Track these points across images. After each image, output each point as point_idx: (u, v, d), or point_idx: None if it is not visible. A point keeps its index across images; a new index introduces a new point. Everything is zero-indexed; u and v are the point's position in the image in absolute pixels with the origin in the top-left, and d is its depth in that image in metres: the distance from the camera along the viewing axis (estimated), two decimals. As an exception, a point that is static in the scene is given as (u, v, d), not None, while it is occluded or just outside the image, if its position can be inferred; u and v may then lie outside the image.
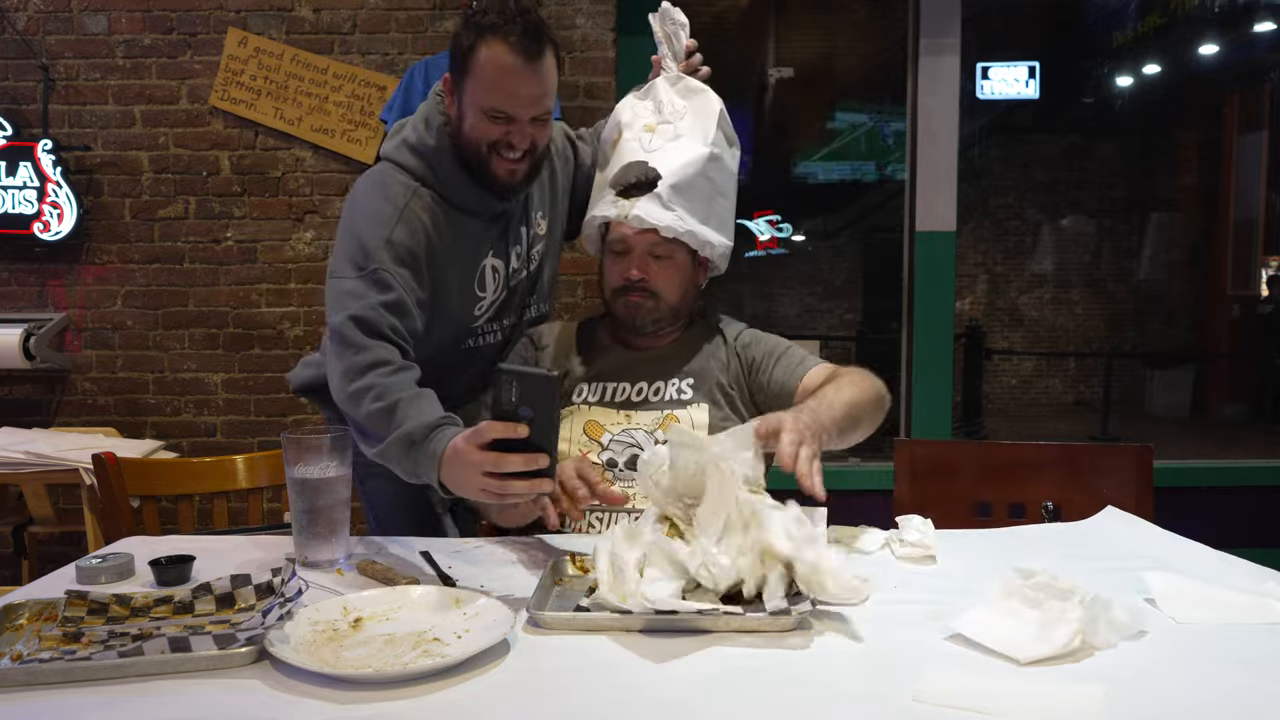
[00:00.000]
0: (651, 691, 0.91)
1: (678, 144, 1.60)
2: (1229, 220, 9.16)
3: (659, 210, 1.55)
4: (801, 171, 9.89)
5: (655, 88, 1.67)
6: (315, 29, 3.30)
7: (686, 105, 1.64)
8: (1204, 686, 0.91)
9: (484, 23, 1.47)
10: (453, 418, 1.34)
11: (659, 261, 1.60)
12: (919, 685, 0.88)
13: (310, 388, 1.76)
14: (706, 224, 1.60)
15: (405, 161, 1.59)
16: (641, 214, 1.54)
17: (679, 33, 1.68)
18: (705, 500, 1.14)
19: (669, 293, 1.62)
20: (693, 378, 1.61)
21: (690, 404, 1.59)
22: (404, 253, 1.51)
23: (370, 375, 1.40)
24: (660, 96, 1.65)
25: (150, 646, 0.95)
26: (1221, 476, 3.55)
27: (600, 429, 1.57)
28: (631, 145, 1.61)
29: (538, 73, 1.48)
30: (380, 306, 1.45)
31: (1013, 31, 9.20)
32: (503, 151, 1.53)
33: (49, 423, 3.34)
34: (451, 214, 1.58)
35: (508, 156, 1.53)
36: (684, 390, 1.60)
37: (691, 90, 1.66)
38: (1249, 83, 8.74)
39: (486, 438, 1.17)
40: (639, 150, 1.60)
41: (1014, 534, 1.48)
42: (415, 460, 1.31)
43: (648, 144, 1.60)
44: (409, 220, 1.53)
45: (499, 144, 1.52)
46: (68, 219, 3.25)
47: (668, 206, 1.55)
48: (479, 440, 1.18)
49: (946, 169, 3.40)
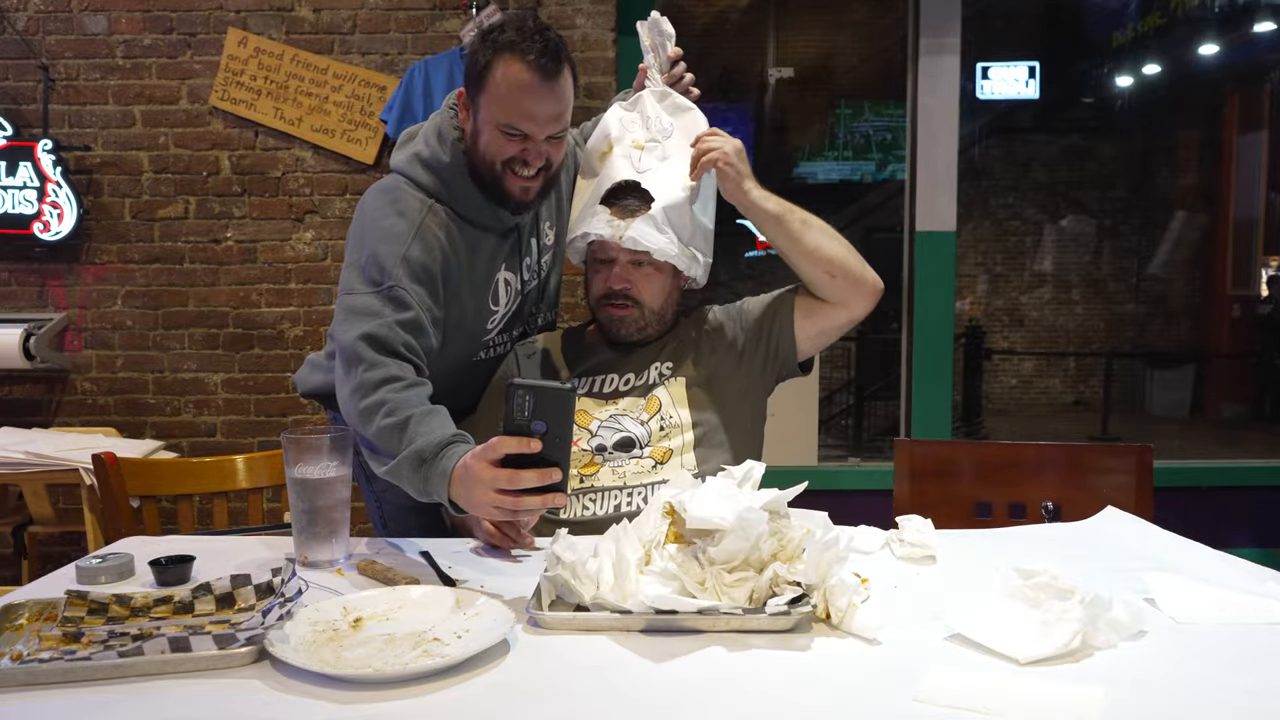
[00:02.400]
0: (652, 691, 0.91)
1: (667, 164, 1.62)
2: (1229, 220, 9.17)
3: (653, 233, 1.58)
4: (801, 171, 9.89)
5: (642, 101, 1.67)
6: (315, 29, 3.30)
7: (674, 124, 1.65)
8: (1204, 686, 0.91)
9: (502, 40, 1.46)
10: (464, 435, 1.32)
11: (640, 269, 1.63)
12: (919, 685, 0.88)
13: (319, 393, 1.74)
14: (692, 244, 1.64)
15: (418, 176, 1.57)
16: (636, 236, 1.57)
17: (665, 44, 1.68)
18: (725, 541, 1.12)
19: (651, 300, 1.65)
20: (671, 360, 1.65)
21: (669, 379, 1.63)
22: (420, 270, 1.48)
23: (381, 391, 1.37)
24: (648, 112, 1.65)
25: (150, 646, 0.95)
26: (1221, 476, 3.55)
27: (589, 417, 1.60)
28: (621, 163, 1.62)
29: (555, 91, 1.47)
30: (396, 325, 1.43)
31: (1013, 31, 9.21)
32: (517, 169, 1.52)
33: (49, 423, 3.35)
34: (465, 230, 1.56)
35: (522, 174, 1.52)
36: (664, 372, 1.64)
37: (679, 108, 1.67)
38: (1249, 83, 8.75)
39: (499, 453, 1.15)
40: (630, 169, 1.61)
41: (1014, 534, 1.48)
42: (425, 478, 1.29)
43: (638, 162, 1.61)
44: (424, 237, 1.50)
45: (514, 161, 1.51)
46: (68, 219, 3.25)
47: (661, 230, 1.58)
48: (491, 456, 1.16)
49: (946, 169, 3.40)
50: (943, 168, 3.39)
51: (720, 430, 1.59)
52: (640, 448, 1.56)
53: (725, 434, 1.59)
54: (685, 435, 1.57)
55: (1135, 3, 8.54)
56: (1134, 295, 10.48)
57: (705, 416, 1.59)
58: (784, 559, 1.10)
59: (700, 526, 1.11)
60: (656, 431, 1.57)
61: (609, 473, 1.54)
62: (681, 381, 1.62)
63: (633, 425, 1.58)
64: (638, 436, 1.57)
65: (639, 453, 1.56)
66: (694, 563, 1.11)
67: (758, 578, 1.08)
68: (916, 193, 3.41)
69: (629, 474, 1.54)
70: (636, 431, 1.57)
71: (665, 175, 1.61)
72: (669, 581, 1.10)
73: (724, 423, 1.60)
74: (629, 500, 1.51)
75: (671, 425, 1.57)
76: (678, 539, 1.17)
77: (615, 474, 1.54)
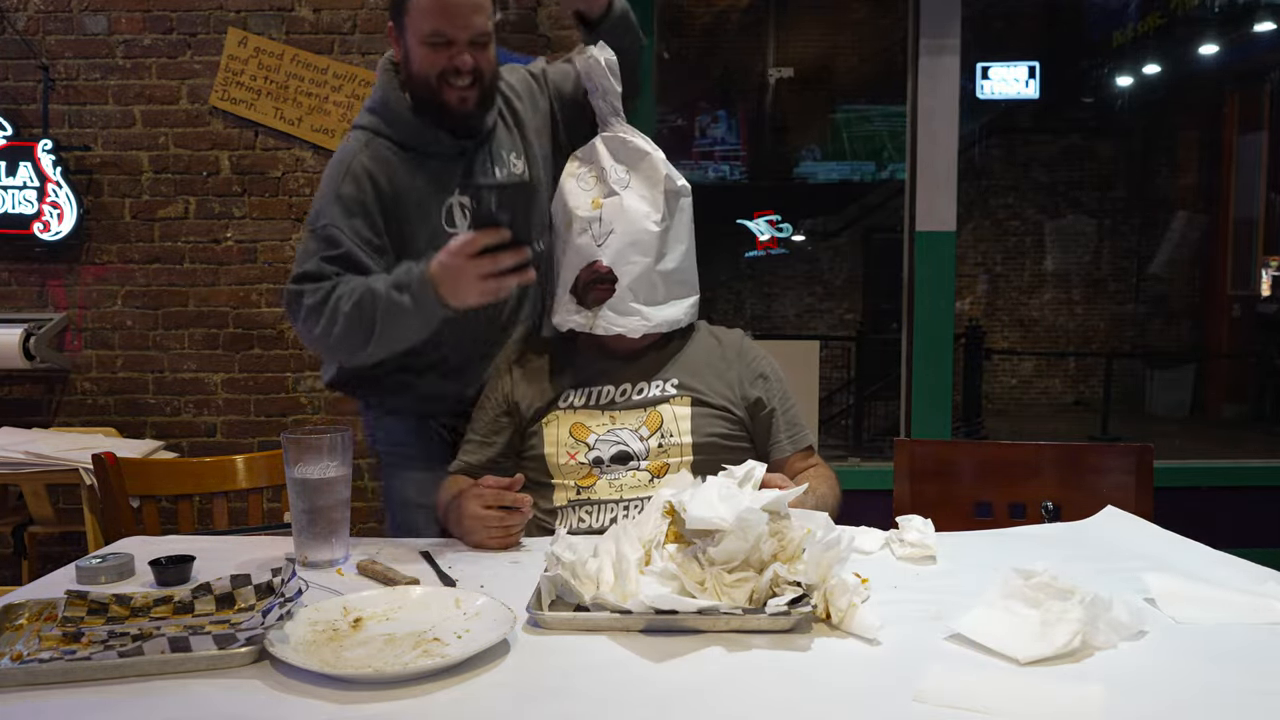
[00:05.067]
0: (651, 691, 0.91)
1: (627, 219, 1.60)
2: (1229, 220, 9.16)
3: (620, 318, 1.60)
4: (801, 171, 9.90)
5: (595, 150, 1.66)
6: (315, 29, 3.30)
7: (630, 173, 1.64)
8: (1204, 686, 0.91)
9: None
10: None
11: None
12: (919, 685, 0.88)
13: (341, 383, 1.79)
14: (667, 302, 1.64)
15: (361, 121, 1.67)
16: (606, 324, 1.60)
17: (609, 78, 1.67)
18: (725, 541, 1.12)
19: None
20: (676, 377, 1.63)
21: (674, 400, 1.60)
22: (352, 203, 1.58)
23: (327, 298, 1.51)
24: (603, 163, 1.65)
25: (150, 646, 0.95)
26: (1221, 476, 3.55)
27: (586, 430, 1.58)
28: (583, 241, 1.61)
29: None
30: (323, 260, 1.55)
31: (1013, 31, 9.21)
32: (451, 79, 1.58)
33: (49, 423, 3.35)
34: (406, 158, 1.64)
35: (457, 85, 1.58)
36: (667, 390, 1.62)
37: (634, 154, 1.65)
38: (1249, 83, 8.74)
39: (476, 246, 1.36)
40: (592, 246, 1.61)
41: (1014, 534, 1.49)
42: (413, 297, 1.44)
43: (598, 233, 1.61)
44: (354, 172, 1.60)
45: (446, 73, 1.57)
46: (68, 219, 3.25)
47: (629, 310, 1.60)
48: (469, 250, 1.37)
49: (946, 169, 3.40)
50: (943, 168, 3.39)
51: (721, 453, 1.57)
52: (638, 461, 1.55)
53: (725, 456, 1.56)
54: (684, 457, 1.56)
55: (1135, 3, 8.54)
56: (1134, 295, 10.48)
57: (707, 441, 1.57)
58: (784, 559, 1.10)
59: (700, 527, 1.11)
60: (655, 448, 1.56)
61: (606, 485, 1.54)
62: (687, 401, 1.60)
63: (631, 439, 1.57)
64: (635, 451, 1.56)
65: (635, 465, 1.55)
66: (694, 563, 1.11)
67: (758, 578, 1.08)
68: (916, 193, 3.41)
69: (625, 487, 1.53)
70: (635, 446, 1.56)
71: (625, 235, 1.60)
72: (669, 581, 1.10)
73: (725, 448, 1.59)
74: (625, 514, 1.51)
75: (671, 445, 1.56)
76: (678, 539, 1.17)
77: (612, 486, 1.54)
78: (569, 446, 1.57)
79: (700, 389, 1.61)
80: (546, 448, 1.58)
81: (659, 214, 1.62)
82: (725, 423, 1.60)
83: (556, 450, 1.57)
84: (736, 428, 1.62)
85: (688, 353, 1.67)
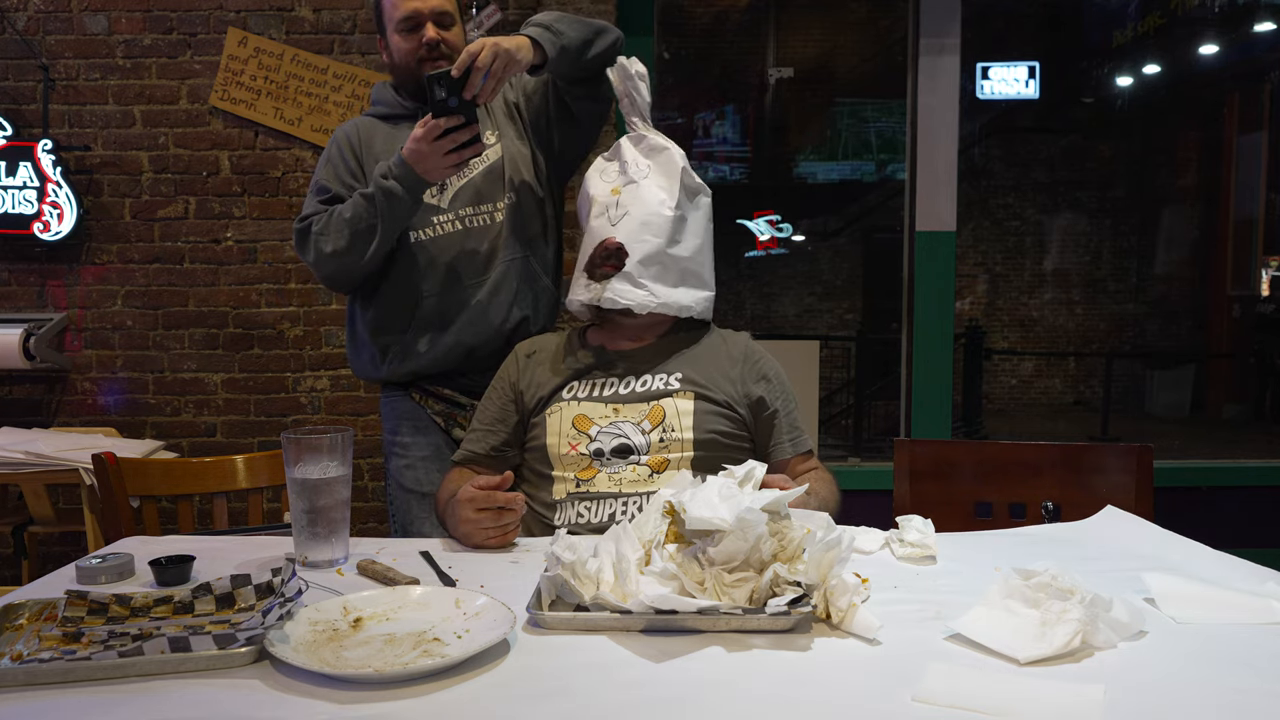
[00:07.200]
0: (651, 691, 0.91)
1: (642, 202, 1.66)
2: (1229, 220, 9.17)
3: (630, 289, 1.62)
4: (801, 171, 9.90)
5: (620, 148, 1.76)
6: (315, 29, 3.30)
7: (650, 165, 1.72)
8: (1204, 686, 0.91)
9: None
10: None
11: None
12: (919, 685, 0.88)
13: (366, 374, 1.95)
14: (680, 287, 1.66)
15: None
16: (613, 295, 1.62)
17: (639, 85, 1.76)
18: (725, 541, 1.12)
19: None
20: (680, 371, 1.64)
21: (677, 394, 1.61)
22: (335, 156, 1.87)
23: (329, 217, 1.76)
24: (625, 157, 1.74)
25: (150, 646, 0.95)
26: (1221, 476, 3.54)
27: (589, 422, 1.59)
28: (599, 223, 1.68)
29: None
30: (319, 203, 1.82)
31: (1013, 31, 9.21)
32: (426, 59, 1.81)
33: (49, 423, 3.35)
34: (384, 125, 1.91)
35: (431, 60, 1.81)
36: (671, 382, 1.62)
37: (655, 149, 1.74)
38: (1249, 83, 8.75)
39: (439, 130, 1.63)
40: (606, 226, 1.66)
41: (1014, 534, 1.48)
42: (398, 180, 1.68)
43: (614, 215, 1.67)
44: (337, 137, 1.90)
45: (422, 56, 1.81)
46: (68, 219, 3.25)
47: (638, 284, 1.63)
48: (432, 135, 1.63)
49: (946, 169, 3.40)
50: (943, 168, 3.39)
51: (722, 450, 1.57)
52: (638, 455, 1.56)
53: (726, 454, 1.57)
54: (685, 453, 1.56)
55: (1135, 3, 8.54)
56: (1134, 295, 10.49)
57: (708, 438, 1.57)
58: (784, 559, 1.10)
59: (700, 527, 1.11)
60: (656, 442, 1.56)
61: (605, 479, 1.54)
62: (690, 395, 1.61)
63: (633, 432, 1.57)
64: (636, 445, 1.56)
65: (636, 459, 1.55)
66: (694, 563, 1.10)
67: (758, 578, 1.08)
68: (916, 192, 3.41)
69: (624, 481, 1.54)
70: (636, 440, 1.56)
71: (639, 218, 1.65)
72: (669, 581, 1.10)
73: (726, 446, 1.59)
74: (624, 509, 1.51)
75: (673, 440, 1.56)
76: (678, 539, 1.17)
77: (612, 480, 1.54)
78: (571, 437, 1.58)
79: (704, 384, 1.62)
80: (549, 438, 1.59)
81: (674, 200, 1.67)
82: (727, 421, 1.61)
83: (558, 441, 1.58)
84: (738, 426, 1.62)
85: (694, 349, 1.68)
